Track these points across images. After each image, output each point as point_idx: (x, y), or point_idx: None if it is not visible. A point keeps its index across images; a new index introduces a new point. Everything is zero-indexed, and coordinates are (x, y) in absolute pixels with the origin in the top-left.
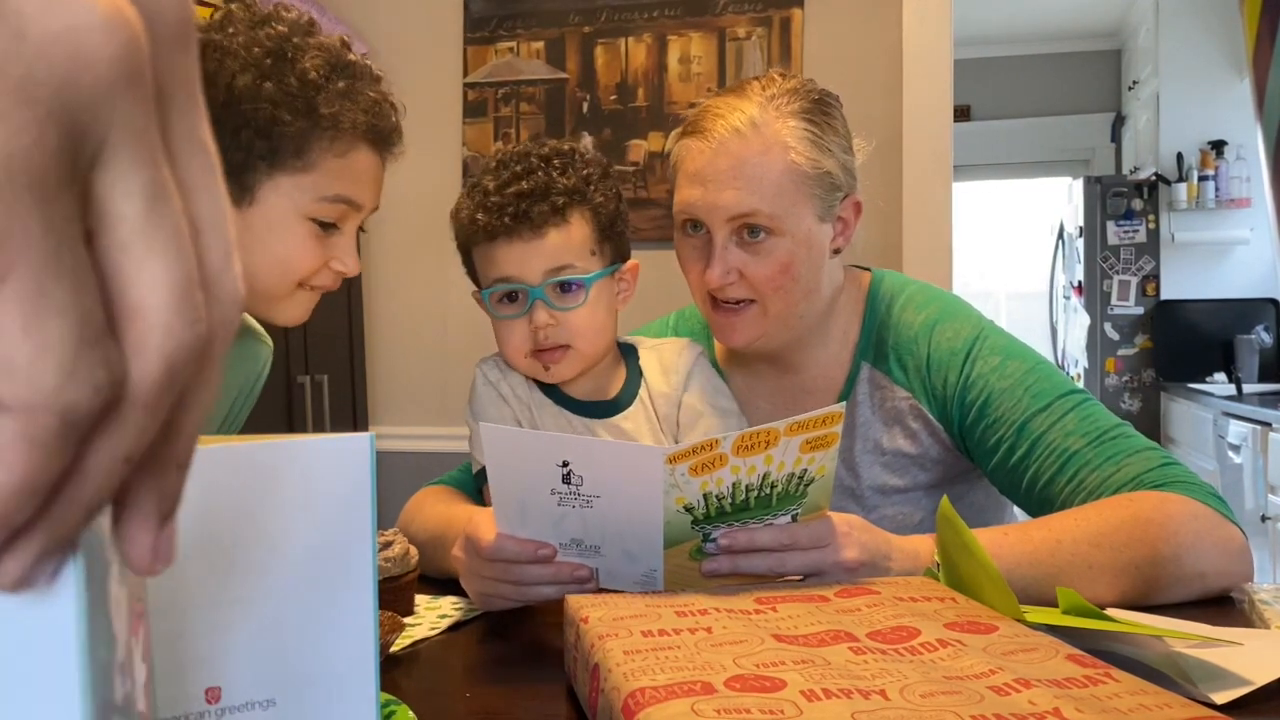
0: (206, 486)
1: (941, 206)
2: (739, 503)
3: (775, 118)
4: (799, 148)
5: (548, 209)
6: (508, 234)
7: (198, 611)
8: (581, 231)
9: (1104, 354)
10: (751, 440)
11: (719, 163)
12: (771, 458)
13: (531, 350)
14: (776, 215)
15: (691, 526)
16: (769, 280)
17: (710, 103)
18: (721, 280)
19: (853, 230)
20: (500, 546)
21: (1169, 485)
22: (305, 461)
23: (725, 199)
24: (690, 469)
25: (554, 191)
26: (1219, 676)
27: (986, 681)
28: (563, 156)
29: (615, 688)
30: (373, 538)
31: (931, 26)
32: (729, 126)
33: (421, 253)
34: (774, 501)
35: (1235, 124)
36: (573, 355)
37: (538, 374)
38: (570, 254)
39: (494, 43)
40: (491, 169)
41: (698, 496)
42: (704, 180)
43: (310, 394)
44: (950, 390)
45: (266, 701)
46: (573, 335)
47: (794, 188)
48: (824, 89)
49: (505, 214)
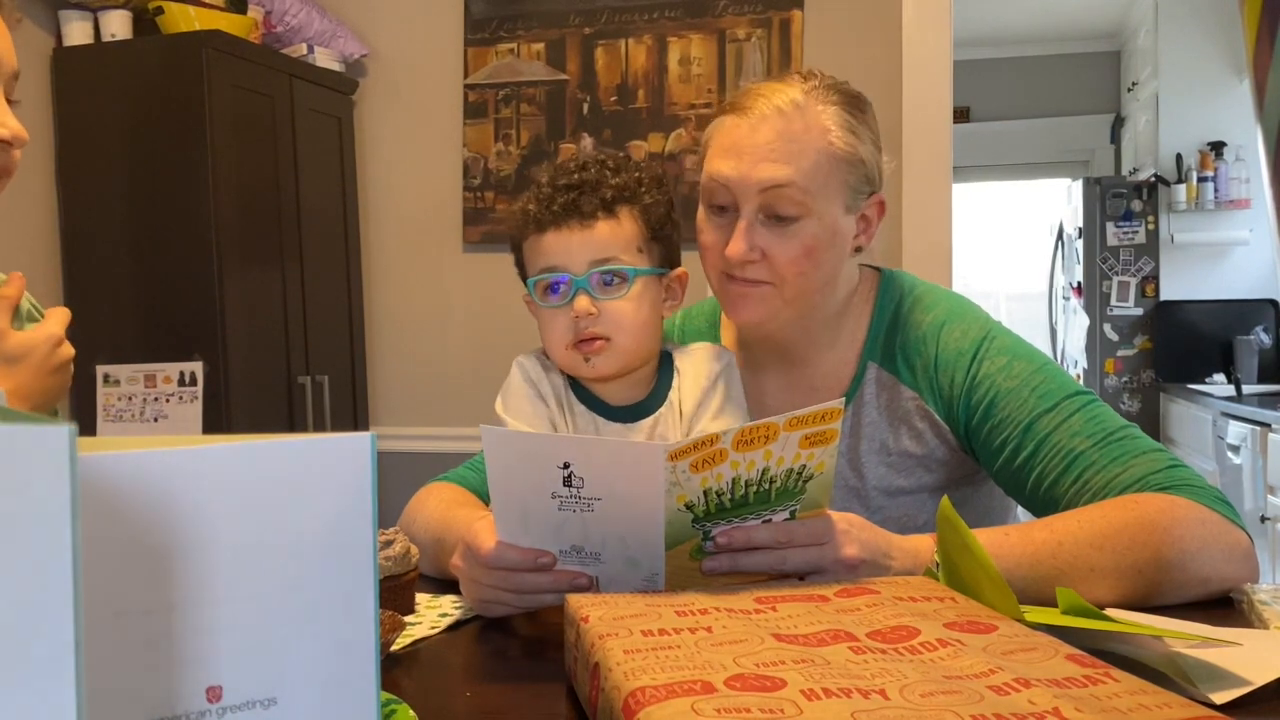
0: (207, 486)
1: (941, 207)
2: (738, 498)
3: (817, 103)
4: (838, 131)
5: (597, 201)
6: (556, 223)
7: (198, 611)
8: (630, 227)
9: (1103, 355)
10: (751, 435)
11: (758, 136)
12: (771, 453)
13: (573, 341)
14: (810, 191)
15: (692, 525)
16: (792, 263)
17: (752, 86)
18: (743, 256)
19: (874, 230)
20: (500, 555)
21: (1175, 488)
22: (305, 461)
23: (760, 171)
24: (691, 465)
25: (605, 186)
26: (1218, 677)
27: (986, 681)
28: (618, 160)
29: (615, 687)
30: (373, 538)
31: (931, 27)
32: (771, 105)
33: (421, 253)
34: (772, 497)
35: (1235, 125)
36: (612, 349)
37: (578, 367)
38: (616, 247)
39: (494, 44)
40: (549, 170)
41: (698, 493)
42: (740, 152)
43: (310, 394)
44: (957, 390)
45: (267, 701)
46: (614, 327)
47: (830, 168)
48: (859, 91)
49: (555, 204)
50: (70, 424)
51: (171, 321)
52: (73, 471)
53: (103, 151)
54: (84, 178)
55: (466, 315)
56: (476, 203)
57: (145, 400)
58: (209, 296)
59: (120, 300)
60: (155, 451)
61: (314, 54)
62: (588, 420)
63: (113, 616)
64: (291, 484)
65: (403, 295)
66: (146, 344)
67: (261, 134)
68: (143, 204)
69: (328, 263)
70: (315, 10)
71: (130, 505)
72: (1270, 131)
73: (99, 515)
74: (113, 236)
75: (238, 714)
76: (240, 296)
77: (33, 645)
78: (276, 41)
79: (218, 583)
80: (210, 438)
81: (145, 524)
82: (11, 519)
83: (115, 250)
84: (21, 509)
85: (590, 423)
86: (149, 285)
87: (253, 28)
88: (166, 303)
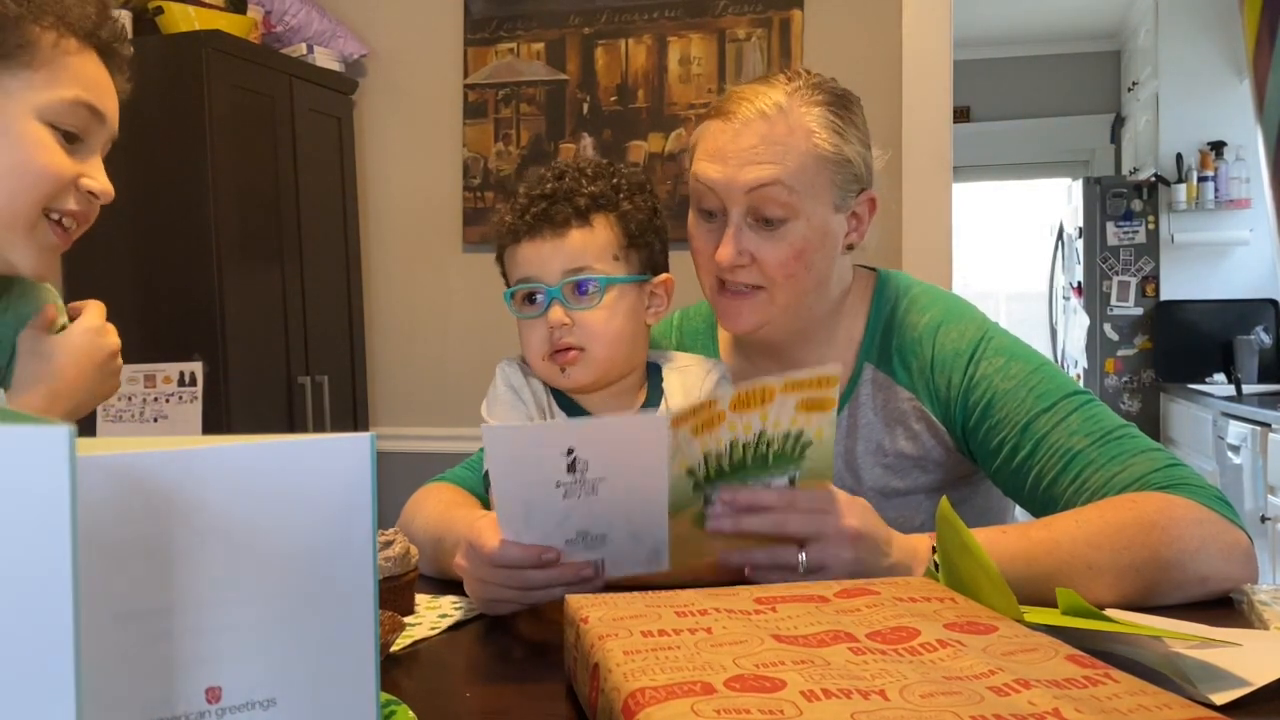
0: (207, 486)
1: (941, 207)
2: (736, 461)
3: (800, 105)
4: (822, 133)
5: (570, 210)
6: (530, 233)
7: (198, 611)
8: (605, 235)
9: (1104, 355)
10: (748, 396)
11: (742, 140)
12: (767, 414)
13: (548, 352)
14: (796, 192)
15: (694, 491)
16: (781, 266)
17: (735, 89)
18: (732, 260)
19: (866, 227)
20: (504, 553)
21: (1174, 487)
22: (305, 461)
23: (745, 174)
24: (692, 430)
25: (578, 194)
26: (1218, 677)
27: (986, 682)
28: (597, 168)
29: (615, 688)
30: (373, 538)
31: (931, 27)
32: (755, 109)
33: (421, 253)
34: (770, 461)
35: (1235, 125)
36: (587, 359)
37: (554, 377)
38: (589, 256)
39: (494, 44)
40: (528, 180)
41: (699, 458)
42: (725, 157)
43: (310, 394)
44: (954, 391)
45: (266, 701)
46: (587, 337)
47: (815, 169)
48: (846, 88)
49: (529, 214)
50: (70, 424)
51: (171, 321)
52: (72, 471)
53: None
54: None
55: (466, 315)
56: (476, 203)
57: (145, 400)
58: (209, 296)
59: (120, 300)
60: (155, 451)
61: (314, 54)
62: None
63: (112, 617)
64: (291, 484)
65: (403, 295)
66: (146, 344)
67: (261, 134)
68: (143, 204)
69: (328, 263)
70: (315, 10)
71: (130, 505)
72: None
73: (99, 515)
74: (113, 236)
75: (237, 714)
76: (240, 296)
77: (32, 646)
78: (276, 41)
79: (218, 583)
80: (210, 438)
81: (145, 524)
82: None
83: (115, 250)
84: (21, 509)
85: None
86: (149, 285)
87: (253, 28)
88: (166, 303)
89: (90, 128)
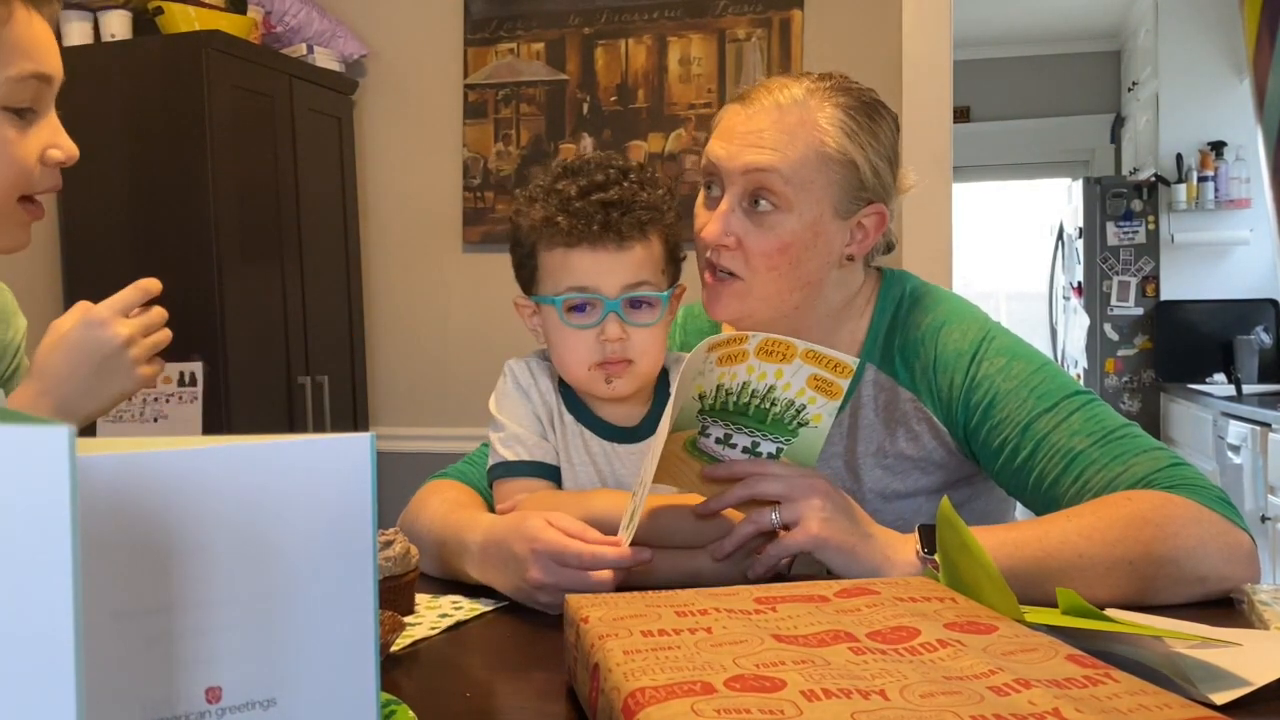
0: (207, 486)
1: (941, 207)
2: (741, 405)
3: (817, 102)
4: (832, 133)
5: (634, 222)
6: (592, 242)
7: (198, 611)
8: (658, 249)
9: (1104, 355)
10: (773, 346)
11: (752, 124)
12: (782, 373)
13: (597, 363)
14: (792, 184)
15: (696, 416)
16: (764, 256)
17: (763, 80)
18: (717, 238)
19: (871, 241)
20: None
21: (1177, 487)
22: (305, 461)
23: (746, 155)
24: (719, 359)
25: (639, 205)
26: (1218, 677)
27: (986, 682)
28: (638, 172)
29: (615, 688)
30: (373, 538)
31: (931, 27)
32: (773, 99)
33: (421, 253)
34: (768, 420)
35: (1235, 125)
36: (634, 371)
37: (596, 386)
38: (646, 270)
39: (494, 44)
40: (565, 175)
41: (713, 385)
42: (732, 136)
43: (310, 394)
44: (955, 392)
45: (267, 701)
46: (640, 351)
47: (817, 165)
48: (880, 100)
49: (594, 221)
50: (70, 424)
51: (171, 321)
52: (72, 471)
53: (103, 151)
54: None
55: (466, 315)
56: (476, 203)
57: (145, 400)
58: (209, 296)
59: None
60: (155, 451)
61: (314, 54)
62: (576, 435)
63: (112, 617)
64: (291, 484)
65: (403, 295)
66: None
67: (261, 134)
68: (143, 204)
69: (328, 263)
70: (315, 10)
71: (130, 505)
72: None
73: (99, 515)
74: (112, 236)
75: (237, 714)
76: (240, 296)
77: (32, 645)
78: (276, 41)
79: (217, 583)
80: (210, 438)
81: (145, 524)
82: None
83: (115, 250)
84: (21, 509)
85: (578, 437)
86: None
87: (252, 28)
88: (166, 302)
89: (41, 94)
